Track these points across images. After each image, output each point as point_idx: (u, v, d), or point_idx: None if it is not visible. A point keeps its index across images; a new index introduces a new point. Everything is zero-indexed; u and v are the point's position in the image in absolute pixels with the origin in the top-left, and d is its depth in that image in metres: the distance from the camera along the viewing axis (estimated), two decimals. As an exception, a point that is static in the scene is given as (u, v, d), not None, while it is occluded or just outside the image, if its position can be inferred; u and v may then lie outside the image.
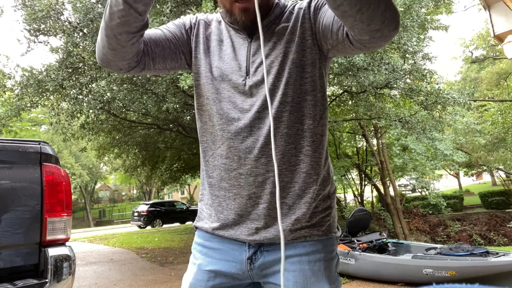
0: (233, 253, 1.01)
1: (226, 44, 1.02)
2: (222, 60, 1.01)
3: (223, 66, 1.00)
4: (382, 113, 8.24)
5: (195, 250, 1.09)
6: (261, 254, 0.98)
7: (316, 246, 0.98)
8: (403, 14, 5.41)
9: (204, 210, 1.08)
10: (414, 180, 16.11)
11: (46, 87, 6.44)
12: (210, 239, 1.05)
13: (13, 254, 2.06)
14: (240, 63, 0.99)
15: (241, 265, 0.99)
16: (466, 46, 24.23)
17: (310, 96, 0.98)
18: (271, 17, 1.00)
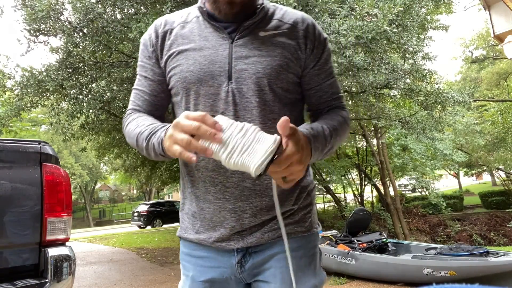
0: (222, 259, 1.01)
1: (204, 45, 0.95)
2: (200, 63, 0.94)
3: (202, 70, 0.93)
4: (382, 113, 8.24)
5: (184, 261, 1.07)
6: (249, 257, 0.99)
7: (300, 242, 1.00)
8: (403, 14, 5.40)
9: (186, 220, 1.06)
10: (414, 180, 16.11)
11: (46, 87, 6.44)
12: (196, 248, 1.04)
13: (13, 254, 2.06)
14: (221, 66, 0.92)
15: (232, 269, 1.00)
16: (466, 46, 24.25)
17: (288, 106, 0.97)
18: (256, 19, 0.95)
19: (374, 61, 6.35)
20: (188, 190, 1.03)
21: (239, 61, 0.92)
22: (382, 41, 5.61)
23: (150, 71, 1.02)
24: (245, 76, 0.92)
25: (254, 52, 0.93)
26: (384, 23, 4.90)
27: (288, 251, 0.84)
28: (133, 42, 5.81)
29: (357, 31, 4.95)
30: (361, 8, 5.11)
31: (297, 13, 1.01)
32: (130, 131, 0.98)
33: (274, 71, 0.93)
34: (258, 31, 0.95)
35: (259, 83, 0.92)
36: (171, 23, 1.01)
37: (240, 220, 0.96)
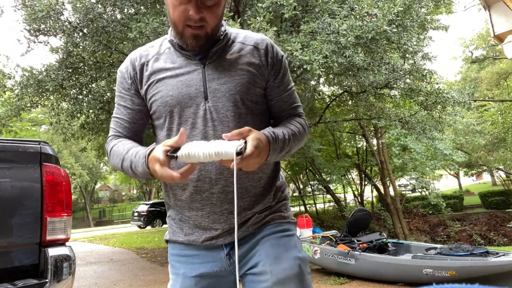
0: (211, 254, 1.10)
1: (179, 72, 1.06)
2: (178, 88, 1.05)
3: (180, 94, 1.04)
4: (382, 113, 8.25)
5: (174, 261, 1.15)
6: None
7: (280, 227, 1.13)
8: (402, 14, 5.40)
9: (173, 225, 1.16)
10: (414, 180, 16.11)
11: (46, 87, 6.44)
12: (185, 249, 1.13)
13: (13, 254, 2.06)
14: (197, 88, 1.04)
15: (221, 262, 1.10)
16: (466, 46, 24.24)
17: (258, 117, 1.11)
18: (221, 45, 1.07)
19: (374, 61, 6.35)
20: (174, 203, 1.14)
21: (212, 82, 1.05)
22: (382, 41, 5.61)
23: (129, 101, 1.13)
24: (219, 95, 1.04)
25: (224, 73, 1.05)
26: (384, 23, 4.89)
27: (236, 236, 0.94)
28: (133, 42, 5.81)
29: (357, 31, 4.95)
30: (361, 8, 5.11)
31: (257, 35, 1.14)
32: (113, 155, 1.10)
33: (244, 88, 1.06)
34: (224, 54, 1.08)
35: (232, 99, 1.05)
36: (146, 56, 1.12)
37: (228, 220, 1.07)
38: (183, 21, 0.98)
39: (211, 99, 1.04)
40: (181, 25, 0.99)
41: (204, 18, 0.97)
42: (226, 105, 1.04)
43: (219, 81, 1.04)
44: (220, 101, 1.04)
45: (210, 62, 1.06)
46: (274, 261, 1.05)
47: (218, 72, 1.05)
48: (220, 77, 1.05)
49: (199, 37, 1.00)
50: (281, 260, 1.05)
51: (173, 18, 1.00)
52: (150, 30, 5.01)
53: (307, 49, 4.90)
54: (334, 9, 5.48)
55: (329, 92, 10.69)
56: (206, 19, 0.98)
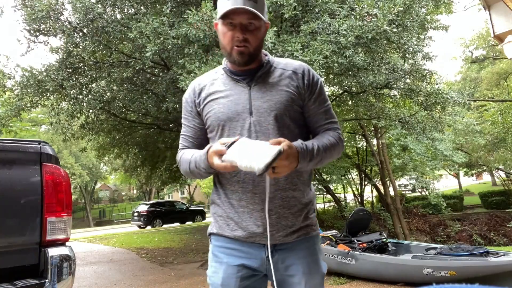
0: (253, 252, 1.29)
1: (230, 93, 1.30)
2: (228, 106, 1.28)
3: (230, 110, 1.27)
4: (382, 113, 8.24)
5: (218, 252, 1.33)
6: (276, 253, 1.28)
7: (312, 240, 1.34)
8: (402, 14, 5.40)
9: (219, 221, 1.34)
10: (414, 180, 16.10)
11: (46, 87, 6.44)
12: (230, 242, 1.31)
13: (13, 254, 2.06)
14: (244, 106, 1.27)
15: (261, 260, 1.28)
16: (466, 46, 24.24)
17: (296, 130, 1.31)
18: (265, 70, 1.30)
19: (374, 61, 6.35)
20: (224, 199, 1.33)
21: (256, 101, 1.27)
22: (382, 41, 5.61)
23: (192, 121, 1.38)
24: (262, 111, 1.26)
25: (266, 93, 1.28)
26: (384, 23, 4.89)
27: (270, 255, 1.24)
28: (133, 42, 5.81)
29: (357, 31, 4.94)
30: (361, 8, 5.11)
31: (296, 62, 1.36)
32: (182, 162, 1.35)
33: (283, 105, 1.27)
34: (267, 78, 1.30)
35: (273, 115, 1.26)
36: (204, 83, 1.37)
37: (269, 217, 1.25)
38: (231, 43, 1.23)
39: (255, 115, 1.26)
40: (229, 46, 1.25)
41: (247, 39, 1.22)
42: (268, 120, 1.26)
43: (262, 99, 1.26)
44: (262, 116, 1.25)
45: (255, 84, 1.29)
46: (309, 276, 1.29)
47: (261, 92, 1.28)
48: (263, 97, 1.27)
49: (243, 54, 1.24)
50: (314, 276, 1.31)
51: (224, 43, 1.26)
52: (150, 30, 5.01)
53: (307, 49, 4.90)
54: (334, 9, 5.48)
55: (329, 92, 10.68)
56: (249, 40, 1.23)
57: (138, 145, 11.20)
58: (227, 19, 1.22)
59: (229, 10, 1.19)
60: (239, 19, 1.21)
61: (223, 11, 1.20)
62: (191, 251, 8.94)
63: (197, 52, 5.09)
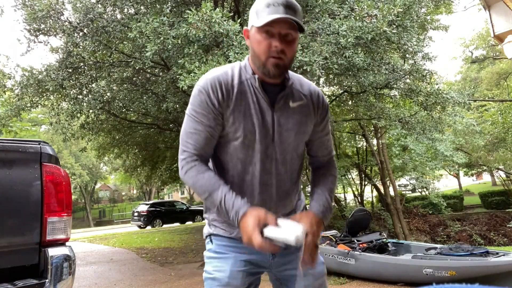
0: None
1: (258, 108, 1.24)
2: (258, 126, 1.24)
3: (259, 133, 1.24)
4: (382, 113, 8.24)
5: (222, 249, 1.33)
6: None
7: None
8: (402, 14, 5.40)
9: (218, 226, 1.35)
10: (414, 180, 16.10)
11: (46, 87, 6.44)
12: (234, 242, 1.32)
13: (13, 254, 2.06)
14: (267, 129, 1.24)
15: (266, 256, 1.33)
16: (466, 46, 24.25)
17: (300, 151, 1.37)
18: (287, 92, 1.26)
19: (374, 62, 6.35)
20: None
21: (279, 127, 1.26)
22: (382, 41, 5.61)
23: (213, 120, 1.23)
24: (282, 139, 1.27)
25: (288, 121, 1.27)
26: (384, 24, 4.89)
27: None
28: (133, 42, 5.81)
29: (357, 31, 4.94)
30: (361, 9, 5.11)
31: (309, 84, 1.37)
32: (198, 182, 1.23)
33: (300, 137, 1.31)
34: (288, 101, 1.27)
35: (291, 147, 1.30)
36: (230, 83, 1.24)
37: None
38: (267, 53, 1.17)
39: (276, 141, 1.26)
40: (264, 56, 1.17)
41: (284, 50, 1.16)
42: (286, 150, 1.29)
43: (284, 127, 1.26)
44: (283, 145, 1.28)
45: (279, 106, 1.25)
46: None
47: (284, 118, 1.26)
48: (285, 124, 1.26)
49: (279, 66, 1.18)
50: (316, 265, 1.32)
51: (258, 51, 1.19)
52: (150, 30, 5.01)
53: (307, 50, 4.90)
54: (334, 10, 5.48)
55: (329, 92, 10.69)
56: (285, 51, 1.17)
57: (138, 145, 11.20)
58: (266, 26, 1.15)
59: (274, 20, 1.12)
60: (279, 28, 1.15)
61: (265, 20, 1.13)
62: (191, 251, 8.94)
63: (197, 52, 5.09)
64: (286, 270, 1.34)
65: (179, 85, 4.91)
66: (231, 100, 1.22)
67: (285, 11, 1.13)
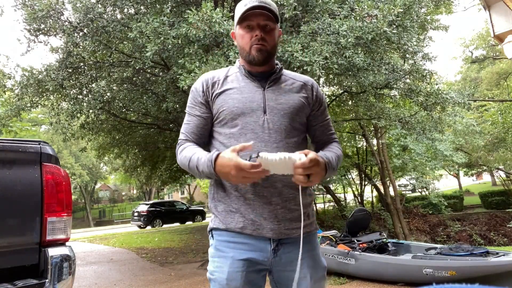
0: (259, 245, 1.31)
1: (245, 90, 1.36)
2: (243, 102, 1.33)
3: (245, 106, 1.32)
4: (382, 113, 8.24)
5: (221, 246, 1.33)
6: (281, 246, 1.32)
7: (314, 236, 1.43)
8: (402, 15, 5.39)
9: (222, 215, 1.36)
10: (414, 180, 16.10)
11: (46, 87, 6.43)
12: (236, 236, 1.32)
13: (13, 254, 2.06)
14: (258, 103, 1.33)
15: (267, 254, 1.31)
16: (466, 46, 24.24)
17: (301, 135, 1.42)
18: (277, 75, 1.41)
19: (374, 62, 6.34)
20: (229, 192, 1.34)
21: (270, 101, 1.35)
22: (382, 41, 5.60)
23: (198, 110, 1.40)
24: (275, 111, 1.34)
25: (280, 97, 1.37)
26: (384, 24, 4.89)
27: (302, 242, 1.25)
28: (133, 42, 5.81)
29: (357, 31, 4.94)
30: (361, 9, 5.11)
31: (303, 75, 1.50)
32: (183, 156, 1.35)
33: (295, 110, 1.36)
34: (280, 84, 1.40)
35: (285, 117, 1.34)
36: (217, 76, 1.41)
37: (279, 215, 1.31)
38: (250, 43, 1.33)
39: (269, 113, 1.32)
40: (248, 46, 1.34)
41: (264, 38, 1.33)
42: (280, 120, 1.33)
43: (275, 101, 1.35)
44: (276, 116, 1.33)
45: (269, 87, 1.37)
46: (313, 269, 1.35)
47: (275, 95, 1.36)
48: (277, 99, 1.35)
49: (262, 50, 1.33)
50: (317, 269, 1.37)
51: (242, 44, 1.37)
52: (150, 30, 5.00)
53: (307, 50, 4.90)
54: (334, 10, 5.48)
55: (329, 92, 10.68)
56: (266, 39, 1.33)
57: (138, 145, 11.20)
58: (245, 22, 1.33)
59: (248, 9, 1.29)
60: (257, 20, 1.32)
61: (240, 13, 1.32)
62: (191, 251, 8.93)
63: (197, 52, 5.09)
64: (285, 271, 1.32)
65: (179, 85, 4.91)
66: (217, 87, 1.38)
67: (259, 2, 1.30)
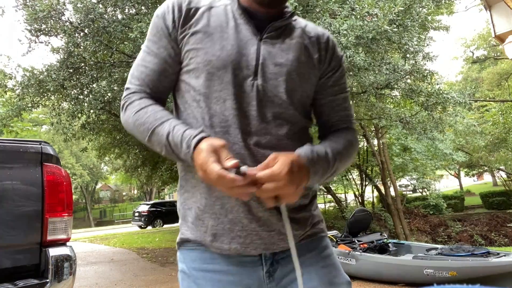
0: (247, 272, 0.90)
1: (232, 33, 0.90)
2: (227, 50, 0.88)
3: (229, 58, 0.87)
4: (382, 113, 8.24)
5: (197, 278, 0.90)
6: (278, 264, 0.91)
7: (325, 241, 0.99)
8: (403, 14, 5.40)
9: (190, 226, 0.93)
10: (415, 180, 16.09)
11: (47, 87, 6.44)
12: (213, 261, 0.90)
13: (14, 254, 2.06)
14: (247, 59, 0.88)
15: (260, 281, 0.90)
16: (467, 46, 24.23)
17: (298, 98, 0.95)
18: (284, 23, 0.94)
19: (374, 61, 6.34)
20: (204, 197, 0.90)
21: (267, 61, 0.90)
22: (383, 41, 5.60)
23: (163, 48, 0.93)
24: (271, 77, 0.89)
25: (281, 54, 0.91)
26: (385, 23, 4.89)
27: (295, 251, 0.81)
28: (134, 42, 5.81)
29: (358, 31, 4.94)
30: (361, 8, 5.11)
31: (320, 28, 1.03)
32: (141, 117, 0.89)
33: (298, 78, 0.92)
34: (284, 35, 0.94)
35: (284, 86, 0.90)
36: (196, 2, 0.94)
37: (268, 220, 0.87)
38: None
39: (261, 78, 0.88)
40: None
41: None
42: (276, 90, 0.89)
43: (273, 60, 0.90)
44: (270, 83, 0.89)
45: (268, 37, 0.91)
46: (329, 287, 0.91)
47: (275, 50, 0.91)
48: (275, 57, 0.90)
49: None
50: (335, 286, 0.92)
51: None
52: (151, 30, 5.00)
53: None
54: (334, 9, 5.48)
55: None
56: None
57: (138, 145, 11.20)
58: None
59: None
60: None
61: None
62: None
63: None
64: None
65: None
66: (193, 20, 0.91)
67: None
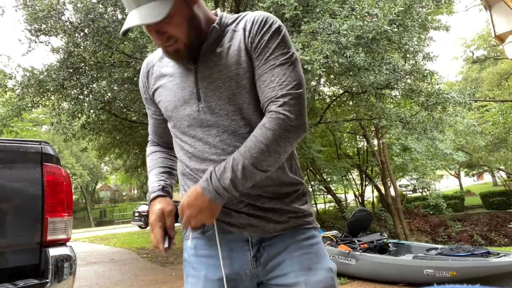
0: (236, 255, 1.02)
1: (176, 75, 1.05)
2: (174, 92, 1.04)
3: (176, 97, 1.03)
4: (383, 113, 8.23)
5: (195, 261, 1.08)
6: (264, 250, 1.01)
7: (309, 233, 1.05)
8: (403, 14, 5.39)
9: None
10: (415, 180, 16.09)
11: (47, 87, 6.44)
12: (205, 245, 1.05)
13: (14, 254, 2.06)
14: (190, 90, 1.01)
15: (247, 264, 1.01)
16: (467, 46, 24.23)
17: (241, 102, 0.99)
18: (210, 41, 1.00)
19: (374, 61, 6.34)
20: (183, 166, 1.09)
21: (203, 81, 0.99)
22: (383, 41, 5.60)
23: (148, 110, 1.22)
24: (210, 94, 0.98)
25: (214, 69, 0.98)
26: (385, 23, 4.89)
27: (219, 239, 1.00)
28: (134, 42, 5.82)
29: (358, 31, 4.94)
30: (361, 8, 5.11)
31: (251, 13, 1.03)
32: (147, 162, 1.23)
33: (233, 82, 0.97)
34: (215, 48, 1.00)
35: (223, 98, 0.98)
36: (152, 61, 1.15)
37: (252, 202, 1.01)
38: (160, 45, 0.99)
39: (204, 100, 0.98)
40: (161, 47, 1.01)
41: (170, 36, 0.95)
42: (219, 104, 0.98)
43: (209, 79, 0.98)
44: (211, 100, 0.98)
45: (202, 60, 1.00)
46: (308, 272, 0.97)
47: (208, 69, 0.99)
48: (211, 75, 0.98)
49: (179, 51, 0.97)
50: (315, 272, 0.98)
51: None
52: (151, 30, 5.00)
53: (308, 49, 4.90)
54: (334, 9, 5.48)
55: (330, 92, 10.68)
56: (173, 35, 0.94)
57: (138, 145, 11.20)
58: None
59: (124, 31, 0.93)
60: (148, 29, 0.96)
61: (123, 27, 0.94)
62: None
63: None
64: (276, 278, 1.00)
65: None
66: (153, 78, 1.12)
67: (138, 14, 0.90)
